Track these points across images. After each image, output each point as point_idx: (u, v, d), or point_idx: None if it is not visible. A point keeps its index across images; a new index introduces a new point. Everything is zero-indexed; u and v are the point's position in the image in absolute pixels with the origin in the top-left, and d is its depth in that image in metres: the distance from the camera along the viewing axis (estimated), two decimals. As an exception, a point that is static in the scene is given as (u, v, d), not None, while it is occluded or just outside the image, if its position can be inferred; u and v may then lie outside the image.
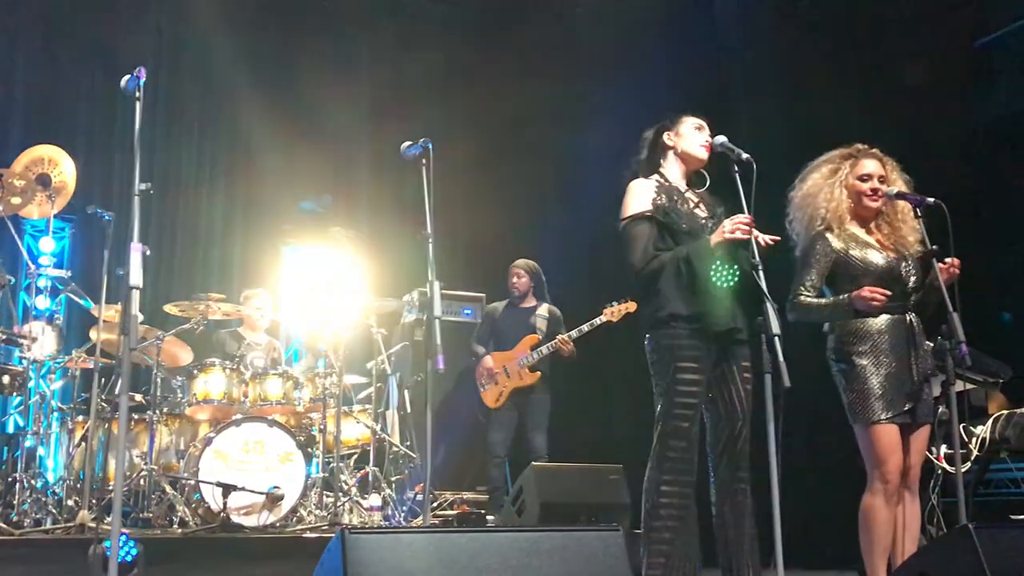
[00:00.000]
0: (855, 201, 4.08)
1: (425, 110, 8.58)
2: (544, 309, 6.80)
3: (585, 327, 6.43)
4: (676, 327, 3.75)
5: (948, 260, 3.89)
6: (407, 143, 4.20)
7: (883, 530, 3.86)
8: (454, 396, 7.28)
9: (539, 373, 6.58)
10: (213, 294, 6.16)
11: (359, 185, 8.81)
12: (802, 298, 3.99)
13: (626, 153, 4.19)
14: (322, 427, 6.10)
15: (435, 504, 6.56)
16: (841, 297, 3.97)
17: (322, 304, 6.95)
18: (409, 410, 6.93)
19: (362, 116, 8.84)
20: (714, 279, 3.69)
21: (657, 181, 3.93)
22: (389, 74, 8.98)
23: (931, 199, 3.95)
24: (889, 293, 3.87)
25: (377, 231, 8.59)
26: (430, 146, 4.17)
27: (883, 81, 6.96)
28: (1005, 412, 5.22)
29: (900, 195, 4.05)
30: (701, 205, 3.95)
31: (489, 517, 6.33)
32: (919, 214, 3.97)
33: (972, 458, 5.10)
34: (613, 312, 6.36)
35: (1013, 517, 5.25)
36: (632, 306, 6.24)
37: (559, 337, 6.47)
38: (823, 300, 4.00)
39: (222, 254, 8.40)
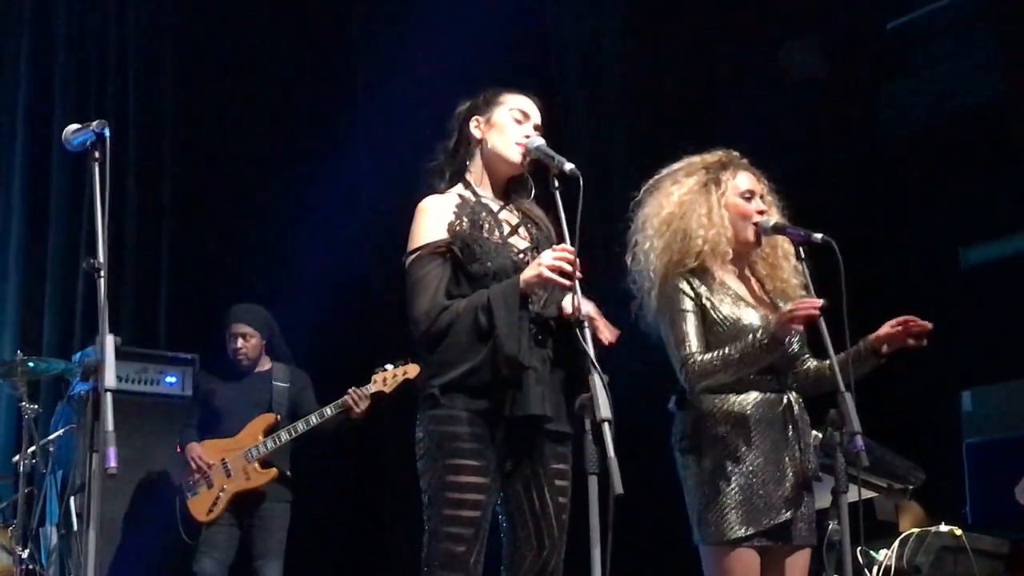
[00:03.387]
0: (735, 229, 4.16)
1: (114, 79, 8.40)
2: (283, 372, 6.73)
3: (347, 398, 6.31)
4: (453, 407, 3.74)
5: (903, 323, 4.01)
6: (73, 127, 4.02)
7: None
8: (144, 506, 7.02)
9: (274, 471, 6.47)
10: None
11: (10, 188, 8.50)
12: (698, 358, 3.99)
13: (420, 145, 4.18)
14: (-68, 553, 5.88)
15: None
16: (751, 337, 3.97)
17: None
18: (76, 528, 6.69)
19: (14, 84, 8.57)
20: (520, 338, 3.68)
21: (459, 196, 3.96)
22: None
23: (819, 235, 4.02)
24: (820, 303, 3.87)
25: (35, 257, 8.32)
26: (106, 132, 3.90)
27: (761, 71, 7.27)
28: (916, 531, 5.43)
29: (779, 228, 4.13)
30: (522, 229, 3.99)
31: None
32: (803, 255, 4.06)
33: (872, 594, 5.26)
34: (386, 379, 6.32)
35: None
36: (413, 370, 6.24)
37: (350, 391, 6.30)
38: (724, 351, 4.00)
39: None
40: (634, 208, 4.29)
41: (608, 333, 3.77)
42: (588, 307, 3.70)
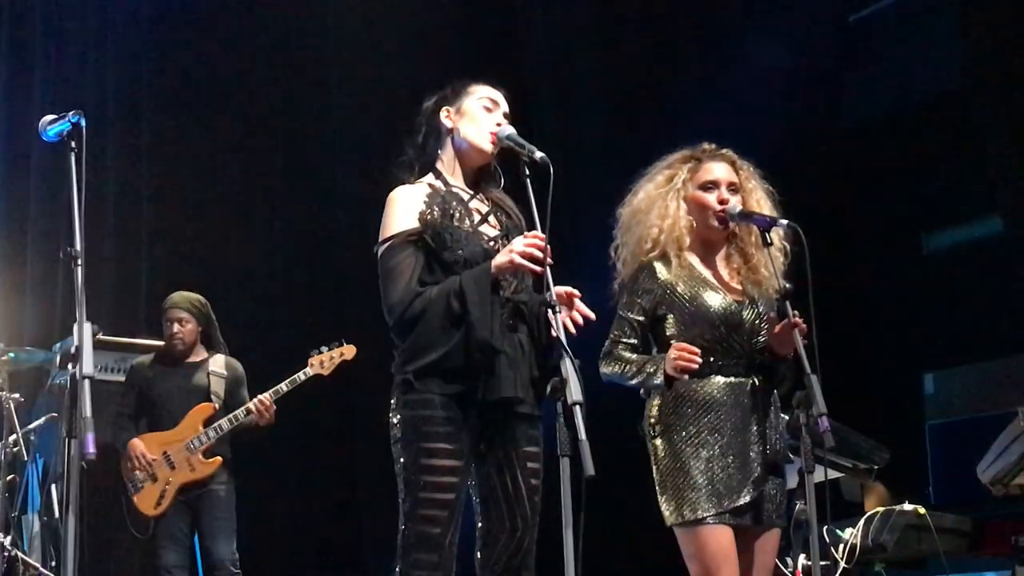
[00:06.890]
0: (698, 220, 4.23)
1: (93, 69, 8.36)
2: (219, 362, 6.64)
3: (284, 386, 6.39)
4: (427, 391, 3.79)
5: (791, 317, 4.01)
6: (49, 117, 4.02)
7: None
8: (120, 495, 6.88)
9: (219, 459, 6.42)
10: None
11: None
12: (618, 349, 4.16)
13: (391, 132, 4.22)
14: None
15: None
16: (654, 356, 4.14)
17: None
18: (58, 515, 6.68)
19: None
20: (492, 323, 3.74)
21: (430, 185, 3.99)
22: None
23: (784, 221, 4.10)
24: (698, 359, 4.01)
25: (16, 247, 8.31)
26: (82, 122, 3.93)
27: (730, 62, 7.34)
28: (881, 510, 5.51)
29: (745, 215, 4.19)
30: (492, 218, 4.03)
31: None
32: (768, 241, 4.11)
33: (839, 571, 5.32)
34: (323, 361, 6.40)
35: (889, 654, 5.60)
36: (350, 352, 6.38)
37: (257, 399, 6.36)
38: (634, 357, 4.16)
39: None
40: (621, 207, 4.39)
41: (578, 315, 3.77)
42: (566, 289, 3.76)
